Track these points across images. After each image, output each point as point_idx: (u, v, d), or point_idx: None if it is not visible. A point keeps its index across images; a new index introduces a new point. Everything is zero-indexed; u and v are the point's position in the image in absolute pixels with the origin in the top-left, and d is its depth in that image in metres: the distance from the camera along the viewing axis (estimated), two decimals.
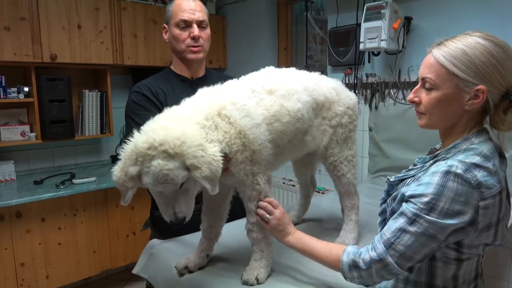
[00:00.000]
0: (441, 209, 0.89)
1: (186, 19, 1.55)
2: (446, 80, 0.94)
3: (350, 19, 2.52)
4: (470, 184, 0.89)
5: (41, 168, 3.13)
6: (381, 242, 0.96)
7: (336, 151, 1.42)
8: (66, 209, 2.72)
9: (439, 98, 0.96)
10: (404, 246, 0.92)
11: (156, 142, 0.95)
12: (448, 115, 0.98)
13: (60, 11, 2.73)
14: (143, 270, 1.43)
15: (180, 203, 1.02)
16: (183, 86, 1.26)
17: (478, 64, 0.91)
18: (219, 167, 0.99)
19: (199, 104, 1.14)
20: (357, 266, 0.99)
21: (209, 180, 0.98)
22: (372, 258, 0.96)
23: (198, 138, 0.99)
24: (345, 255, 1.03)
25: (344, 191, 1.48)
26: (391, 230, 0.95)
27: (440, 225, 0.90)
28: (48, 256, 2.67)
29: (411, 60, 2.28)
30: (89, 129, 3.11)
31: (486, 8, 1.95)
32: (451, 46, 0.94)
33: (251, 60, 3.42)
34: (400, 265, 0.93)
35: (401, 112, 2.30)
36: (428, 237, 0.91)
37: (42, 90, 2.77)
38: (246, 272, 1.19)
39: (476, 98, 0.93)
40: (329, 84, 1.42)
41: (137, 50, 3.13)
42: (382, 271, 0.96)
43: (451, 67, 0.93)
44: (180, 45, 1.59)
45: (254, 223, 1.21)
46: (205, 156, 0.97)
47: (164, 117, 1.07)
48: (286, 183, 3.03)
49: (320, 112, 1.38)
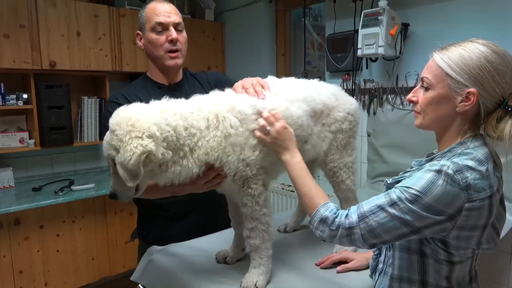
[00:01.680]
0: (424, 204, 0.91)
1: (162, 21, 1.49)
2: (441, 80, 0.97)
3: (347, 25, 2.54)
4: (459, 185, 0.90)
5: (39, 175, 3.13)
6: (356, 213, 0.98)
7: (336, 157, 1.43)
8: (64, 216, 2.71)
9: (433, 97, 0.99)
10: (377, 223, 0.95)
11: (115, 117, 1.06)
12: (441, 116, 1.00)
13: (59, 19, 2.75)
14: (142, 277, 1.42)
15: (113, 180, 1.11)
16: (160, 93, 1.25)
17: (472, 67, 0.93)
18: (132, 160, 1.00)
19: (203, 103, 1.17)
20: (327, 223, 1.02)
21: (123, 167, 1.02)
22: (342, 224, 0.99)
23: (146, 127, 1.02)
24: (323, 208, 1.05)
25: (343, 197, 1.49)
26: (370, 205, 0.97)
27: (418, 214, 0.91)
28: (46, 263, 2.66)
29: (408, 66, 2.29)
30: (88, 136, 3.11)
31: (484, 14, 1.97)
32: (450, 50, 0.98)
33: (250, 66, 3.43)
34: (365, 238, 0.96)
35: (399, 118, 2.31)
36: (403, 222, 0.93)
37: (41, 97, 2.77)
38: (245, 279, 1.19)
39: (467, 100, 0.95)
40: (328, 90, 1.43)
41: (136, 57, 3.14)
42: (345, 238, 0.99)
43: (446, 68, 0.96)
44: (158, 51, 1.52)
45: (251, 229, 1.20)
46: (129, 144, 1.00)
47: (155, 103, 1.13)
48: (285, 189, 3.03)
49: (320, 120, 1.38)
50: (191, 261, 1.38)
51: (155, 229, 1.65)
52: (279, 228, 1.66)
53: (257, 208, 1.19)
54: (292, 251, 1.46)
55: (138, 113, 1.06)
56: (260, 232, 1.20)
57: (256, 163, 1.18)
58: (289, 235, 1.64)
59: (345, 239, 0.99)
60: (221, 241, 1.48)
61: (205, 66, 3.50)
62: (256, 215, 1.20)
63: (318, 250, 1.46)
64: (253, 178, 1.18)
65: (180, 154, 1.10)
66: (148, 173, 1.07)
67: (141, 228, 1.73)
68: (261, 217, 1.20)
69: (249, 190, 1.18)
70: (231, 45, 3.64)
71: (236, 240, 1.38)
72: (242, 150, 1.15)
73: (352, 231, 0.97)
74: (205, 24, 3.54)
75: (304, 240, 1.57)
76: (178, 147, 1.09)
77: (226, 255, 1.37)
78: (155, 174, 1.09)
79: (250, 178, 1.18)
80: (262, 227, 1.21)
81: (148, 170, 1.06)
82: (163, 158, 1.06)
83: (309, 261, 1.37)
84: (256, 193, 1.19)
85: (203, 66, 3.47)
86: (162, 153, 1.05)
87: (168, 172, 1.09)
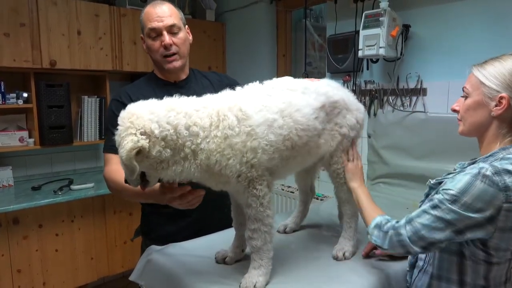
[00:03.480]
0: (463, 203, 0.98)
1: (155, 27, 1.50)
2: (476, 88, 1.08)
3: (348, 27, 2.53)
4: (497, 186, 0.96)
5: (39, 174, 3.13)
6: (405, 218, 1.10)
7: (340, 160, 1.44)
8: (63, 216, 2.71)
9: (470, 104, 1.10)
10: (421, 225, 1.04)
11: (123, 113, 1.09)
12: (478, 121, 1.10)
13: (60, 18, 2.75)
14: (140, 277, 1.42)
15: None
16: (167, 90, 1.25)
17: (504, 74, 1.04)
18: (124, 155, 1.02)
19: (210, 100, 1.16)
20: (380, 227, 1.15)
21: (121, 161, 1.05)
22: (393, 226, 1.11)
23: (142, 125, 1.03)
24: (380, 217, 1.18)
25: (346, 198, 1.48)
26: (417, 211, 1.08)
27: (459, 214, 0.98)
28: (45, 262, 2.65)
29: (409, 67, 2.29)
30: (88, 135, 3.11)
31: (484, 15, 1.97)
32: (488, 62, 1.09)
33: (251, 66, 3.43)
34: (412, 240, 1.05)
35: (399, 119, 2.30)
36: (445, 222, 1.00)
37: (41, 96, 2.77)
38: (245, 280, 1.18)
39: (500, 104, 1.04)
40: (343, 93, 1.44)
41: (137, 57, 3.14)
42: (394, 238, 1.09)
43: (480, 77, 1.07)
44: (155, 56, 1.55)
45: (254, 230, 1.20)
46: (124, 140, 1.02)
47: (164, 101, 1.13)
48: (285, 190, 3.03)
49: (334, 118, 1.38)
50: (190, 261, 1.37)
51: (158, 227, 1.66)
52: (278, 229, 1.66)
53: (261, 209, 1.19)
54: (292, 252, 1.45)
55: (143, 110, 1.07)
56: (263, 233, 1.20)
57: (261, 165, 1.16)
58: (289, 236, 1.63)
59: (396, 242, 1.08)
60: (220, 242, 1.47)
61: (205, 66, 3.50)
62: (259, 216, 1.19)
63: (318, 252, 1.45)
64: (258, 179, 1.17)
65: (181, 154, 1.09)
66: (149, 168, 1.08)
67: (144, 226, 1.74)
68: (265, 219, 1.20)
69: (254, 190, 1.17)
70: (232, 46, 3.64)
71: (237, 241, 1.37)
72: (243, 152, 1.12)
73: (399, 232, 1.08)
74: (206, 25, 3.53)
75: (304, 241, 1.57)
76: (178, 147, 1.08)
77: (226, 256, 1.36)
78: (156, 170, 1.09)
79: (256, 178, 1.17)
80: (265, 229, 1.20)
81: (147, 165, 1.06)
82: (160, 156, 1.06)
83: (308, 263, 1.36)
84: (261, 194, 1.18)
85: (203, 66, 3.47)
86: (159, 151, 1.05)
87: (169, 170, 1.09)
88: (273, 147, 1.16)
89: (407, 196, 2.15)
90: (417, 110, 2.24)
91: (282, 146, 1.19)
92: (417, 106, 2.26)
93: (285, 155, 1.21)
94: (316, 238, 1.60)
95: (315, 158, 1.40)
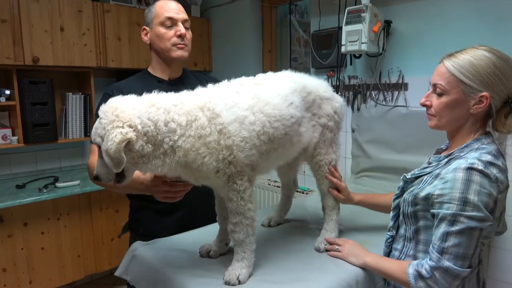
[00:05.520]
0: (472, 201, 1.00)
1: (173, 17, 1.59)
2: (455, 87, 1.08)
3: (332, 22, 2.56)
4: (490, 179, 1.01)
5: (23, 172, 3.09)
6: (434, 251, 1.05)
7: (322, 152, 1.46)
8: (49, 213, 2.69)
9: (448, 102, 1.10)
10: (455, 247, 1.02)
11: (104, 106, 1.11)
12: (455, 117, 1.12)
13: (42, 14, 2.71)
14: (126, 272, 1.43)
15: (98, 163, 1.15)
16: (159, 87, 1.27)
17: (483, 73, 1.05)
18: (113, 148, 1.03)
19: (187, 97, 1.18)
20: (421, 275, 1.06)
21: (107, 154, 1.05)
22: (431, 266, 1.04)
23: (128, 118, 1.05)
24: (410, 267, 1.10)
25: (327, 191, 1.51)
26: (438, 237, 1.04)
27: (478, 217, 1.00)
28: (31, 261, 2.63)
29: (391, 63, 2.32)
30: (72, 132, 3.08)
31: (463, 11, 2.01)
32: (460, 57, 1.08)
33: (236, 62, 3.44)
34: (459, 265, 1.02)
35: (382, 114, 2.35)
36: (471, 230, 1.01)
37: (24, 93, 2.73)
38: (228, 272, 1.20)
39: (480, 103, 1.07)
40: (320, 83, 1.47)
41: (121, 53, 3.11)
42: (445, 275, 1.03)
43: (459, 75, 1.07)
44: (165, 43, 1.60)
45: (236, 224, 1.22)
46: (111, 133, 1.04)
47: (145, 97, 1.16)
48: (271, 184, 3.06)
49: (311, 108, 1.40)
50: (174, 255, 1.39)
51: (146, 223, 1.69)
52: (263, 223, 1.68)
53: (242, 203, 1.20)
54: (275, 245, 1.48)
55: (125, 105, 1.10)
56: (245, 226, 1.22)
57: (239, 162, 1.17)
58: (273, 229, 1.66)
59: (446, 276, 1.03)
60: (205, 236, 1.49)
61: (191, 63, 3.50)
62: (240, 209, 1.21)
63: (301, 244, 1.48)
64: (238, 175, 1.18)
65: (161, 150, 1.11)
66: (129, 162, 1.09)
67: (132, 222, 1.76)
68: (246, 212, 1.21)
69: (235, 185, 1.19)
70: (218, 42, 3.64)
71: (221, 235, 1.39)
72: (219, 150, 1.13)
73: (444, 267, 1.02)
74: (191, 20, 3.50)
75: (287, 234, 1.60)
76: (158, 143, 1.10)
77: (210, 250, 1.38)
78: (137, 164, 1.11)
79: (235, 174, 1.18)
80: (247, 222, 1.22)
81: (129, 158, 1.08)
82: (142, 151, 1.08)
83: (291, 255, 1.39)
84: (241, 189, 1.19)
85: (189, 62, 3.46)
86: (141, 145, 1.07)
87: (149, 165, 1.12)
88: (248, 143, 1.17)
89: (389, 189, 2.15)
90: (399, 104, 2.29)
91: (258, 142, 1.19)
92: (398, 100, 2.30)
93: (264, 149, 1.22)
94: (300, 231, 1.63)
95: (299, 148, 1.41)
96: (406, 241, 1.22)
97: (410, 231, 1.19)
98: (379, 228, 1.58)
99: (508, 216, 1.72)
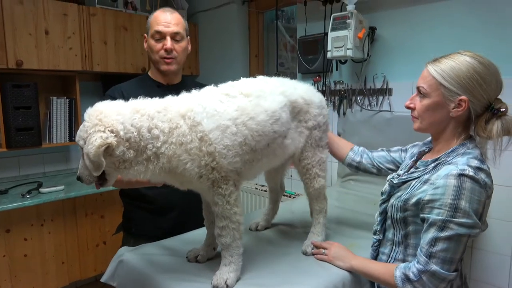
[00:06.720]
0: (463, 208, 1.02)
1: (160, 30, 1.64)
2: (435, 89, 1.11)
3: (318, 28, 2.59)
4: (480, 184, 1.04)
5: (6, 177, 3.03)
6: (422, 255, 1.07)
7: (310, 155, 1.46)
8: (32, 219, 2.64)
9: (430, 104, 1.13)
10: (443, 251, 1.04)
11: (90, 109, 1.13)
12: (437, 120, 1.14)
13: (26, 17, 2.67)
14: (112, 278, 1.41)
15: (80, 164, 1.14)
16: (158, 92, 1.30)
17: (462, 77, 1.07)
18: (92, 151, 1.04)
19: (171, 103, 1.17)
20: (409, 278, 1.09)
21: (87, 157, 1.06)
22: (419, 269, 1.07)
23: (111, 123, 1.07)
24: (397, 270, 1.12)
25: (314, 195, 1.52)
26: (426, 242, 1.07)
27: (467, 224, 1.03)
28: (13, 268, 2.58)
29: (376, 68, 2.37)
30: (57, 137, 3.04)
31: (446, 17, 2.06)
32: (443, 62, 1.11)
33: (223, 67, 3.44)
34: (446, 269, 1.05)
35: (367, 118, 2.38)
36: (460, 236, 1.03)
37: (7, 97, 2.69)
38: (216, 277, 1.20)
39: (459, 106, 1.09)
40: (304, 87, 1.46)
41: (107, 57, 3.09)
42: (432, 279, 1.06)
43: (439, 78, 1.10)
44: (155, 56, 1.68)
45: (222, 228, 1.22)
46: (92, 136, 1.05)
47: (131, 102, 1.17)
48: (258, 189, 3.06)
49: (297, 116, 1.40)
50: (162, 260, 1.38)
51: (140, 222, 1.71)
52: (250, 227, 1.69)
53: (228, 207, 1.20)
54: (263, 249, 1.49)
55: (110, 110, 1.11)
56: (231, 230, 1.22)
57: (223, 168, 1.16)
58: (260, 233, 1.67)
59: (433, 279, 1.05)
60: (192, 241, 1.49)
61: None
62: (226, 213, 1.21)
63: (288, 248, 1.49)
64: (223, 179, 1.18)
65: (144, 156, 1.11)
66: (109, 166, 1.10)
67: (125, 222, 1.78)
68: (232, 216, 1.21)
69: (220, 189, 1.19)
70: (205, 46, 3.64)
71: (208, 239, 1.39)
72: (200, 156, 1.13)
73: (431, 271, 1.05)
74: None
75: (275, 238, 1.61)
76: (141, 149, 1.11)
77: (197, 254, 1.38)
78: (118, 169, 1.12)
79: (220, 179, 1.18)
80: (233, 226, 1.22)
81: (108, 163, 1.09)
82: (123, 156, 1.09)
83: (279, 258, 1.40)
84: (226, 193, 1.19)
85: None
86: (122, 151, 1.08)
87: (131, 170, 1.13)
88: (231, 151, 1.16)
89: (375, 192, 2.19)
90: (383, 109, 2.33)
91: (240, 151, 1.19)
92: (383, 105, 2.34)
93: (247, 158, 1.22)
94: (288, 235, 1.64)
95: (283, 158, 1.42)
96: (394, 245, 1.23)
97: (399, 236, 1.21)
98: (366, 231, 1.60)
99: (491, 218, 1.80)
